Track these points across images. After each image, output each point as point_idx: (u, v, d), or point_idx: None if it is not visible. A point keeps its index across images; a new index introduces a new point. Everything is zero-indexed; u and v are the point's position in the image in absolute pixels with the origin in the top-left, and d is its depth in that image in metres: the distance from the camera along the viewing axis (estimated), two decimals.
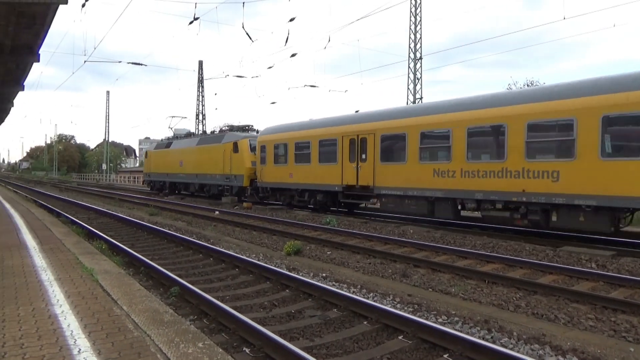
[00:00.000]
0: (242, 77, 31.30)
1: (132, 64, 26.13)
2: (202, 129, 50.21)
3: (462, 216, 13.84)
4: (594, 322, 6.01)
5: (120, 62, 36.99)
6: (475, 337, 5.18)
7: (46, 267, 6.76)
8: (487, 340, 5.24)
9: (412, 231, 13.72)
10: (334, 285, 7.66)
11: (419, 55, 28.78)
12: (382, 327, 5.58)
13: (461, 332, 5.33)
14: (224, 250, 10.27)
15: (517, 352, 4.90)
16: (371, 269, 9.12)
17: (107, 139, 72.65)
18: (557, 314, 6.29)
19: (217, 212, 19.61)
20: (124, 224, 15.94)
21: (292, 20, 17.54)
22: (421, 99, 28.97)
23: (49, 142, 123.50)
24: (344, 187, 17.03)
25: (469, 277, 8.33)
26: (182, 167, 29.08)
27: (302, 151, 18.95)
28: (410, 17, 28.89)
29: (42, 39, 10.93)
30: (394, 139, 15.09)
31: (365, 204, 17.13)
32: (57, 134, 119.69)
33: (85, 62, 27.21)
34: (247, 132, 24.91)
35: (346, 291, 7.11)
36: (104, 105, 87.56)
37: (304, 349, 4.73)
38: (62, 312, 4.61)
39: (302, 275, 8.32)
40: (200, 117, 50.61)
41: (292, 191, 19.91)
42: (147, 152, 35.64)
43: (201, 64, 51.37)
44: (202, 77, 50.33)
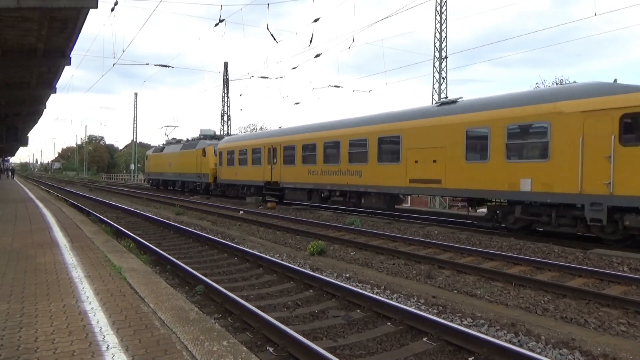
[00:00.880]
0: (267, 77, 31.43)
1: (160, 66, 26.56)
2: (227, 130, 50.81)
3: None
4: (626, 327, 5.84)
5: (147, 64, 37.77)
6: (501, 340, 5.09)
7: (76, 264, 6.94)
8: (513, 343, 5.14)
9: (437, 232, 13.59)
10: (357, 285, 7.65)
11: (444, 54, 28.46)
12: (406, 328, 5.53)
13: (487, 335, 5.24)
14: (248, 249, 10.37)
15: (545, 356, 4.79)
16: (395, 269, 9.07)
17: (135, 140, 74.22)
18: (587, 318, 6.13)
19: (241, 212, 19.81)
20: (151, 223, 16.25)
21: (316, 20, 17.56)
22: (446, 98, 28.63)
23: (79, 143, 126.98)
24: (265, 182, 23.86)
25: (495, 279, 8.20)
26: (171, 167, 36.29)
27: (242, 156, 26.02)
28: (435, 15, 28.60)
29: (73, 43, 11.25)
30: (289, 149, 21.98)
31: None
32: (87, 135, 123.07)
33: (114, 64, 27.78)
34: (216, 139, 31.96)
35: (370, 292, 7.09)
36: (132, 106, 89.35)
37: (327, 349, 4.73)
38: (91, 308, 4.72)
39: (326, 275, 8.33)
40: (225, 118, 51.16)
41: (238, 186, 27.20)
42: (147, 155, 43.53)
43: (226, 65, 52.14)
44: (227, 79, 50.90)
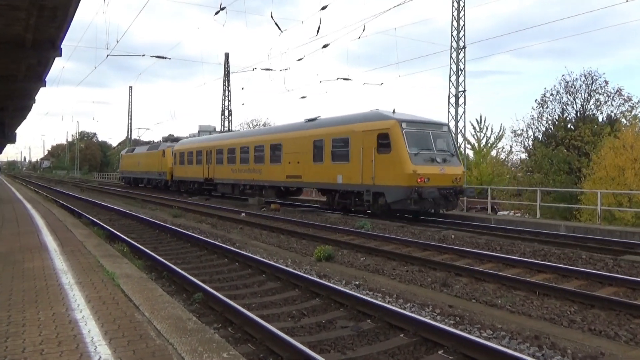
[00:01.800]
0: (271, 70, 31.38)
1: (156, 57, 26.70)
2: (229, 126, 50.96)
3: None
4: None
5: (143, 55, 37.86)
6: (524, 354, 5.06)
7: (67, 270, 6.99)
8: (537, 358, 5.11)
9: (453, 236, 13.54)
10: (367, 294, 7.63)
11: (461, 43, 28.32)
12: (421, 340, 5.51)
13: (508, 348, 5.21)
14: (250, 254, 10.38)
15: None
16: (408, 277, 9.05)
17: (129, 137, 74.60)
18: (618, 330, 6.08)
19: (243, 215, 19.85)
20: (146, 226, 16.33)
21: (324, 8, 17.55)
22: (464, 91, 28.53)
23: (70, 139, 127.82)
24: (204, 179, 30.76)
25: (517, 287, 8.15)
26: (139, 166, 44.31)
27: (190, 157, 33.12)
28: (452, 2, 28.48)
29: (64, 33, 11.31)
30: (219, 153, 29.17)
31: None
32: (79, 131, 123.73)
33: (107, 56, 27.92)
34: (176, 142, 38.34)
35: (381, 301, 7.07)
36: (126, 101, 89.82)
37: None
38: (82, 317, 4.75)
39: (334, 282, 8.32)
40: (226, 113, 51.28)
41: (187, 182, 33.85)
42: (121, 155, 52.07)
43: (227, 56, 52.18)
44: (228, 71, 51.04)
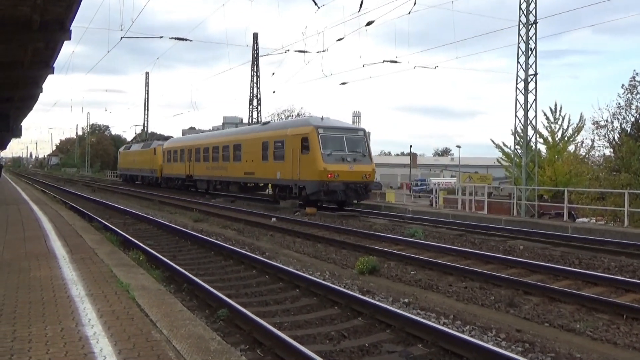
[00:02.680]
0: (306, 52, 31.50)
1: (176, 39, 27.22)
2: (258, 117, 51.40)
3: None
4: None
5: (161, 37, 38.69)
6: None
7: (77, 280, 7.21)
8: None
9: (522, 247, 13.32)
10: (419, 314, 7.58)
11: (532, 18, 27.70)
12: None
13: None
14: (282, 266, 10.46)
15: None
16: (468, 294, 8.94)
17: (145, 130, 76.37)
18: None
19: (274, 219, 20.04)
20: (164, 232, 16.70)
21: None
22: (535, 75, 27.87)
23: (80, 133, 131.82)
24: (186, 175, 37.47)
25: (599, 309, 7.94)
26: (134, 164, 52.20)
27: (176, 155, 40.03)
28: None
29: (74, 12, 11.65)
30: (198, 152, 35.68)
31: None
32: (90, 124, 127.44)
33: (121, 38, 28.44)
34: (165, 140, 47.58)
35: (435, 322, 7.02)
36: (142, 89, 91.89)
37: None
38: (94, 333, 4.89)
39: (379, 300, 8.30)
40: (254, 102, 51.69)
41: (173, 179, 40.75)
42: (119, 152, 61.85)
43: (256, 37, 52.27)
44: (257, 53, 51.35)
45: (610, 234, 16.19)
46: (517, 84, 28.85)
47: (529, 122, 28.64)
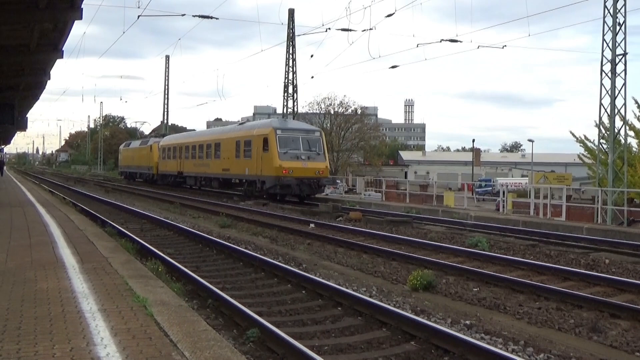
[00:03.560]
0: (350, 30, 31.51)
1: (199, 17, 27.50)
2: (293, 106, 51.62)
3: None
4: None
5: (183, 15, 38.92)
6: None
7: (88, 293, 7.37)
8: None
9: (607, 261, 13.05)
10: (483, 338, 7.50)
11: None
12: None
13: None
14: (321, 280, 10.48)
15: None
16: (541, 317, 8.80)
17: (165, 121, 77.64)
18: None
19: (312, 226, 20.10)
20: (186, 239, 16.95)
21: None
22: (624, 55, 27.15)
23: (92, 126, 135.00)
24: (177, 172, 44.78)
25: None
26: (134, 161, 60.66)
27: (169, 153, 47.95)
28: None
29: None
30: (187, 150, 43.42)
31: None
32: (103, 115, 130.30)
33: (139, 17, 28.89)
34: (162, 136, 56.02)
35: (502, 349, 6.94)
36: (162, 75, 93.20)
37: None
38: (107, 354, 4.99)
39: (436, 321, 8.24)
40: (290, 90, 51.87)
41: (167, 176, 48.50)
42: (120, 149, 70.65)
43: (292, 13, 52.44)
44: (293, 33, 51.52)
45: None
46: (602, 66, 28.16)
47: (616, 111, 27.90)
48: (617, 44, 27.32)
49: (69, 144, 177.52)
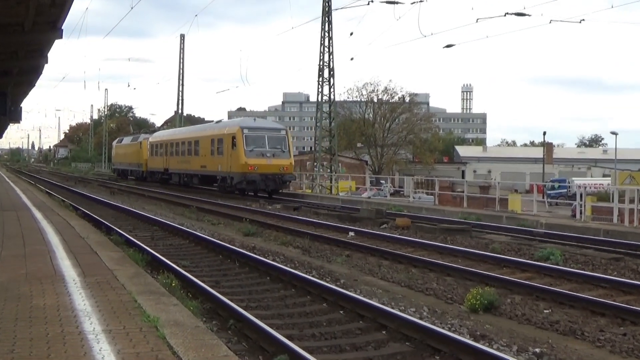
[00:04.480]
0: (396, 2, 31.31)
1: None
2: (329, 92, 51.55)
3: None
4: None
5: None
6: None
7: (91, 311, 7.45)
8: None
9: None
10: None
11: None
12: None
13: None
14: (362, 298, 10.44)
15: None
16: (627, 344, 8.68)
17: (180, 112, 78.16)
18: None
19: (351, 234, 20.04)
20: (204, 249, 17.06)
21: None
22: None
23: (96, 117, 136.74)
24: (164, 169, 53.96)
25: None
26: (125, 157, 68.65)
27: (157, 149, 56.74)
28: None
29: None
30: (171, 146, 53.25)
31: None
32: (108, 104, 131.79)
33: None
34: (153, 132, 65.06)
35: None
36: (176, 57, 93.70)
37: None
38: None
39: (499, 348, 8.17)
40: (325, 74, 51.72)
41: (155, 172, 56.69)
42: (113, 145, 79.08)
43: None
44: (329, 7, 51.26)
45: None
46: None
47: None
48: None
49: (69, 138, 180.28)
